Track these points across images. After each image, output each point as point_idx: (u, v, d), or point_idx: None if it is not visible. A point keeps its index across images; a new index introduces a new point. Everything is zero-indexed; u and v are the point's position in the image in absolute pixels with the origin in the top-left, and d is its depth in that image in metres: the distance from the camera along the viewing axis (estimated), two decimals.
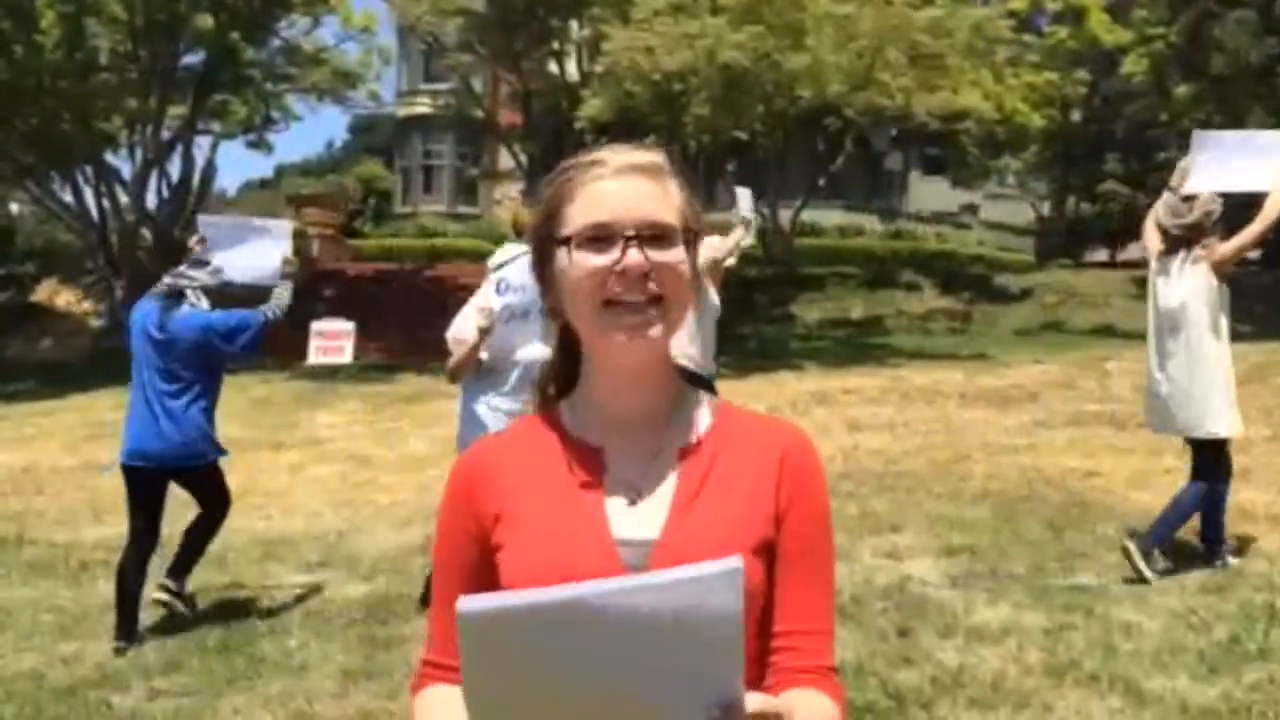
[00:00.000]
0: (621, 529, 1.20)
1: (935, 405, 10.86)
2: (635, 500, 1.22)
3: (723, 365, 14.94)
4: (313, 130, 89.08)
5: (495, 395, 4.77)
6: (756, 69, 17.87)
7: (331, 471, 8.62)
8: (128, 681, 4.28)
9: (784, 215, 23.57)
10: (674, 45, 17.63)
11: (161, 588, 4.98)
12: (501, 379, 4.77)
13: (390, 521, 6.84)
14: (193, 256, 5.21)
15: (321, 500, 7.57)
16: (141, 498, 4.96)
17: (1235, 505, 6.26)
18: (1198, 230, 5.11)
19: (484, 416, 4.73)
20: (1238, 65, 18.53)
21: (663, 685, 1.00)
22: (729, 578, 1.00)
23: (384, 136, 34.86)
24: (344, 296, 21.91)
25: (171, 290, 5.04)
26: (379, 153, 34.92)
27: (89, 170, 21.15)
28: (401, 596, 5.17)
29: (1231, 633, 4.27)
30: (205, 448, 5.06)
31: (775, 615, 1.23)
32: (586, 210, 1.21)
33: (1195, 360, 5.08)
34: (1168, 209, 5.22)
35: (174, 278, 5.08)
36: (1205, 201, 5.12)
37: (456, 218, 31.38)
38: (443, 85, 31.04)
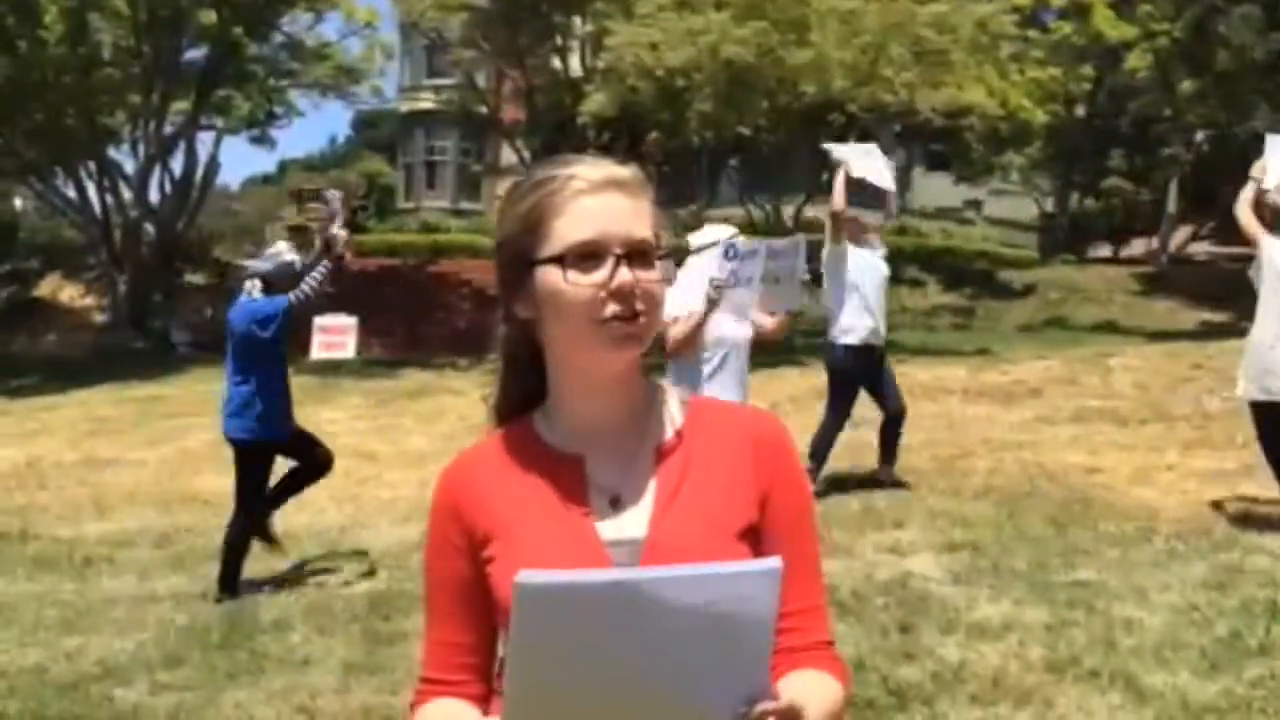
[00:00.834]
0: (609, 532, 1.21)
1: (938, 401, 10.84)
2: (619, 503, 1.23)
3: None
4: (316, 126, 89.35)
5: (709, 379, 4.72)
6: (760, 65, 17.85)
7: (335, 466, 8.62)
8: (131, 676, 4.30)
9: (787, 211, 23.55)
10: (677, 41, 17.61)
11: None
12: (712, 356, 4.76)
13: (392, 517, 6.86)
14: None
15: (324, 495, 7.56)
16: (236, 469, 5.49)
17: (1236, 502, 6.28)
18: None
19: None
20: (1242, 61, 18.50)
21: (695, 677, 1.02)
22: (768, 577, 1.02)
23: (387, 132, 34.84)
24: (347, 292, 21.88)
25: (239, 281, 5.39)
26: (382, 148, 34.90)
27: (92, 166, 21.17)
28: (404, 592, 5.18)
29: (1233, 629, 4.27)
30: (254, 426, 5.38)
31: None
32: (574, 227, 1.20)
33: None
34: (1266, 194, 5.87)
35: (243, 269, 5.46)
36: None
37: (459, 214, 31.38)
38: (446, 81, 31.01)
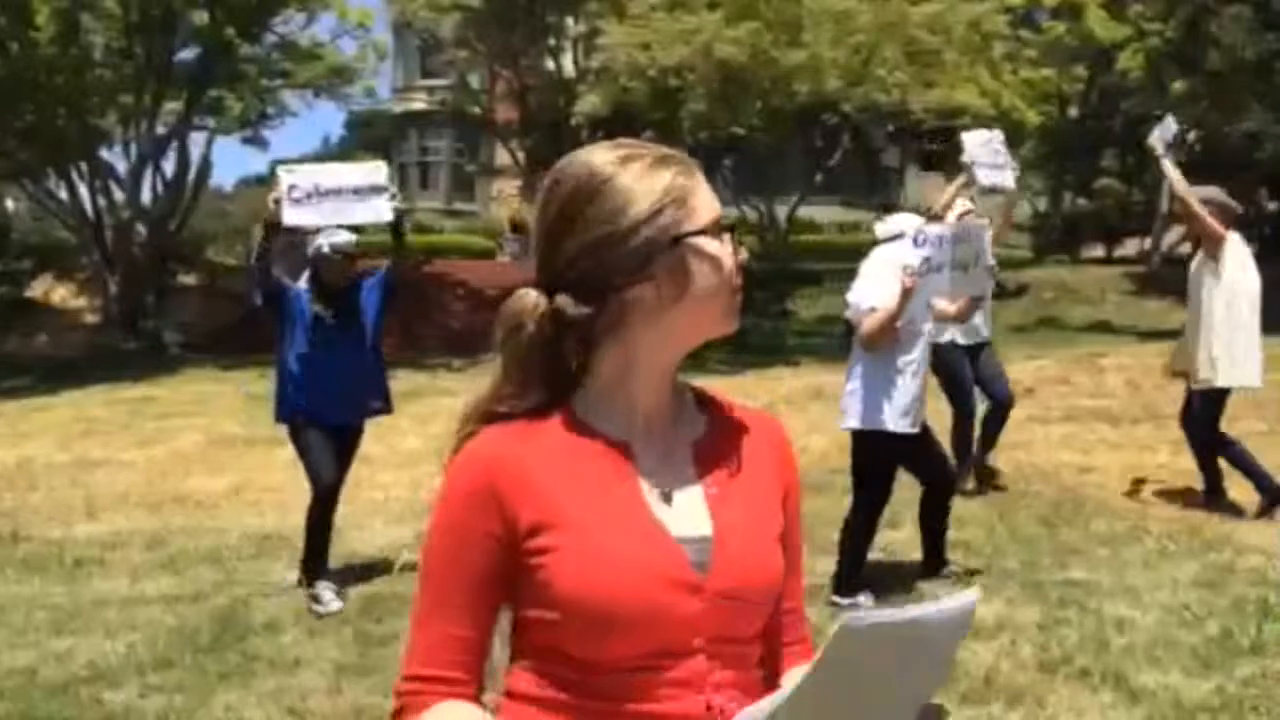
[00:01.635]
0: (672, 527, 1.20)
1: (931, 401, 10.84)
2: (669, 496, 1.22)
3: (719, 361, 14.97)
4: (309, 126, 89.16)
5: (902, 371, 4.74)
6: (753, 65, 17.87)
7: None
8: (121, 678, 4.28)
9: (781, 211, 23.56)
10: (670, 41, 17.63)
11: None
12: (905, 347, 4.77)
13: (385, 518, 6.84)
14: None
15: None
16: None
17: (1227, 502, 6.29)
18: None
19: (895, 394, 4.71)
20: (1234, 61, 18.52)
21: (908, 700, 1.11)
22: (970, 608, 1.09)
23: (381, 133, 34.80)
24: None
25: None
26: (376, 149, 34.84)
27: (84, 166, 21.10)
28: (396, 594, 5.16)
29: (1224, 627, 4.28)
30: (283, 410, 5.42)
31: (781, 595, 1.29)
32: (709, 203, 1.24)
33: None
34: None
35: None
36: None
37: (453, 214, 31.36)
38: (439, 81, 30.98)
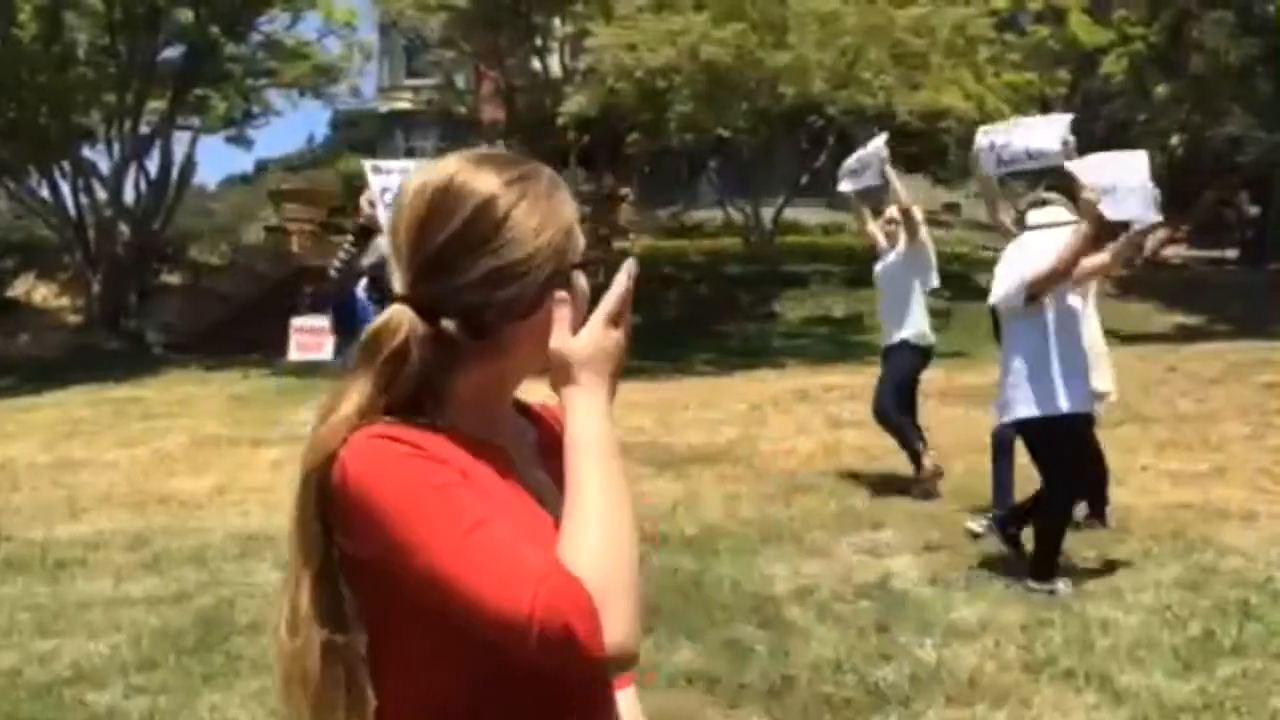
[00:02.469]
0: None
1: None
2: (540, 494, 1.21)
3: (705, 362, 15.02)
4: (294, 125, 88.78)
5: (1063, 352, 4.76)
6: (739, 66, 17.90)
7: None
8: (105, 679, 4.26)
9: (766, 213, 23.62)
10: (657, 42, 17.64)
11: None
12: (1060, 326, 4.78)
13: None
14: None
15: None
16: None
17: (1210, 503, 6.34)
18: None
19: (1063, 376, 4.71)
20: (1216, 65, 18.69)
21: None
22: None
23: (367, 132, 34.71)
24: (325, 293, 21.78)
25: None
26: (362, 148, 34.77)
27: (66, 165, 20.99)
28: None
29: (1206, 628, 4.31)
30: None
31: None
32: (579, 231, 1.23)
33: None
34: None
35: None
36: None
37: None
38: (425, 81, 30.94)
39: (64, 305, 23.43)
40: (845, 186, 7.22)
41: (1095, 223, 4.66)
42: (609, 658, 1.04)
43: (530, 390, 1.32)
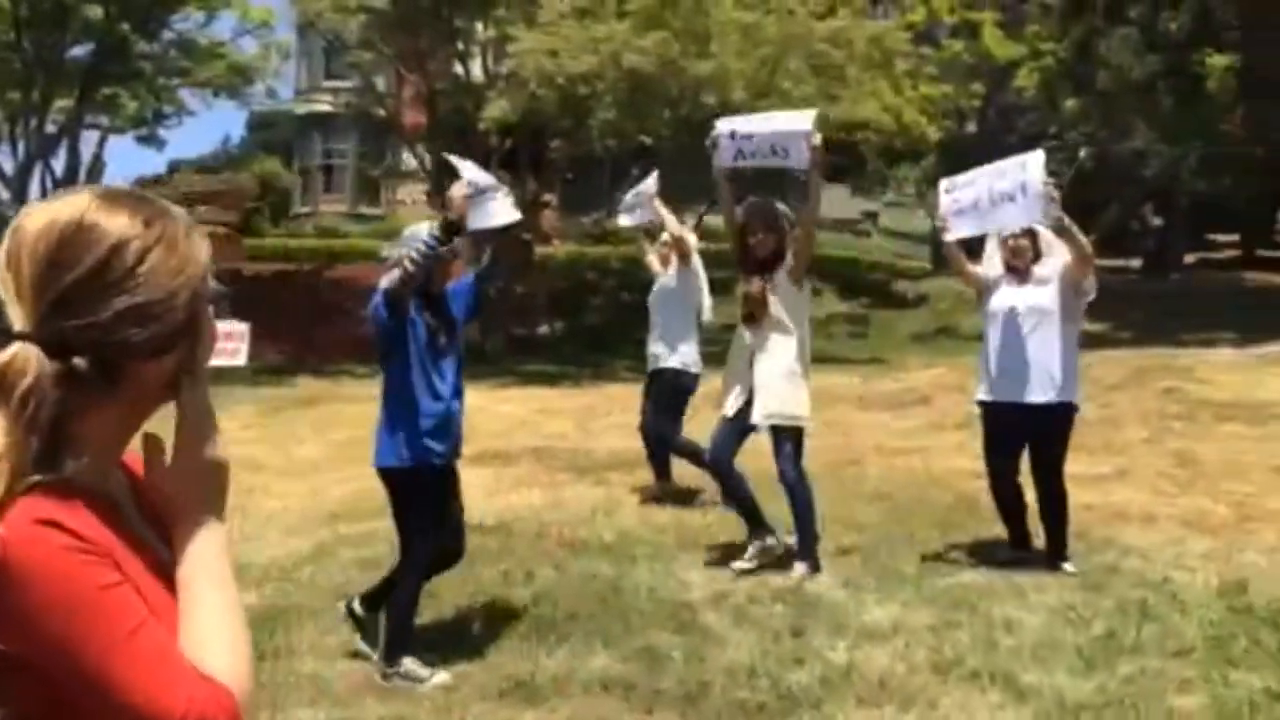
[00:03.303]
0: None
1: (833, 408, 11.03)
2: (150, 543, 1.20)
3: (627, 369, 15.00)
4: (209, 126, 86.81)
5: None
6: (662, 74, 17.97)
7: None
8: None
9: (689, 221, 23.74)
10: (579, 49, 17.63)
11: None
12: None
13: (281, 528, 6.69)
14: None
15: None
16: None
17: (1111, 505, 6.53)
18: None
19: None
20: (1122, 81, 19.26)
21: None
22: None
23: (284, 134, 34.09)
24: (239, 297, 21.35)
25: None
26: (278, 150, 34.12)
27: None
28: (290, 606, 5.05)
29: (1108, 628, 4.43)
30: (404, 452, 4.22)
31: None
32: (210, 274, 1.25)
33: None
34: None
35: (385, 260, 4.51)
36: None
37: (358, 218, 30.87)
38: (345, 83, 30.47)
39: None
40: (623, 221, 7.56)
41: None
42: None
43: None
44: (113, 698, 1.07)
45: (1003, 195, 5.21)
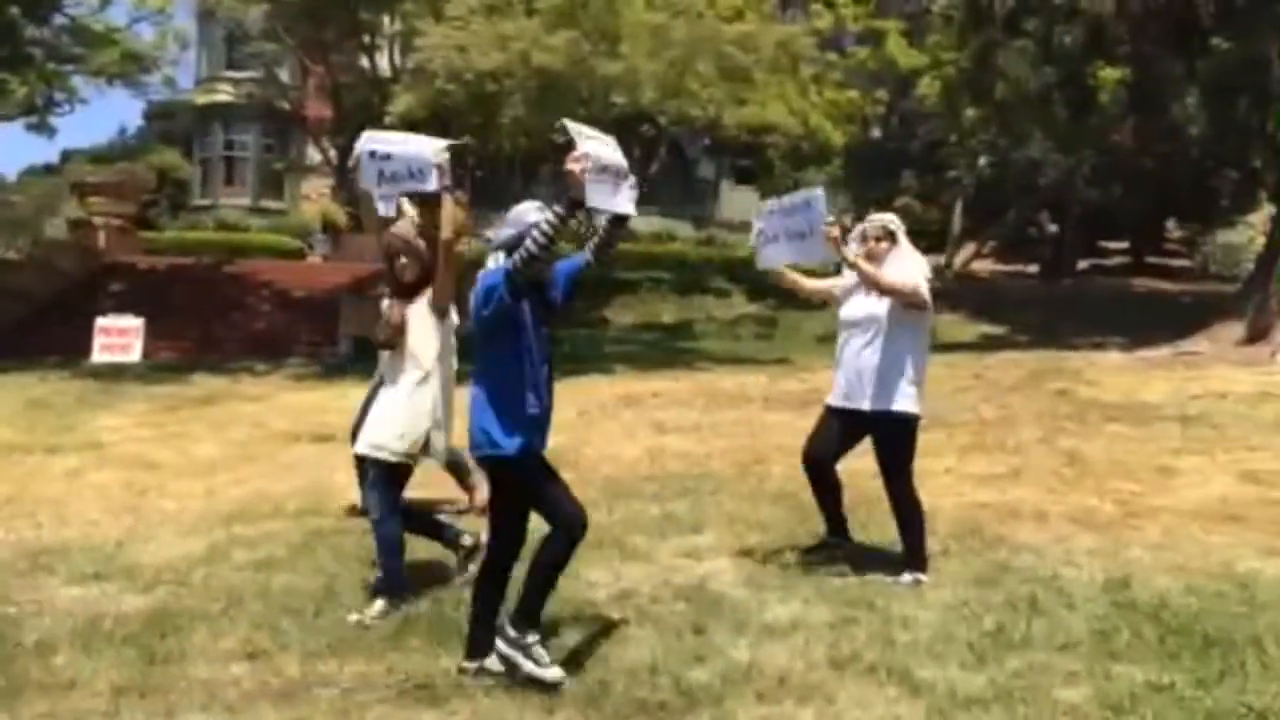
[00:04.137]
0: None
1: (740, 408, 11.16)
2: None
3: None
4: (103, 115, 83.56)
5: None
6: (571, 73, 17.96)
7: (113, 477, 8.12)
8: None
9: (600, 221, 23.74)
10: (488, 45, 17.52)
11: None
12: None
13: (175, 529, 6.50)
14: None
15: (99, 508, 7.11)
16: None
17: (1006, 503, 6.71)
18: None
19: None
20: (1019, 92, 19.82)
21: None
22: None
23: (183, 124, 33.07)
24: (134, 292, 20.68)
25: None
26: (177, 141, 33.09)
27: None
28: (185, 609, 4.91)
29: (999, 623, 4.56)
30: (510, 443, 4.07)
31: None
32: None
33: None
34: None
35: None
36: None
37: (260, 212, 30.15)
38: (247, 74, 29.76)
39: None
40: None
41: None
42: None
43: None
44: None
45: (796, 232, 5.37)
